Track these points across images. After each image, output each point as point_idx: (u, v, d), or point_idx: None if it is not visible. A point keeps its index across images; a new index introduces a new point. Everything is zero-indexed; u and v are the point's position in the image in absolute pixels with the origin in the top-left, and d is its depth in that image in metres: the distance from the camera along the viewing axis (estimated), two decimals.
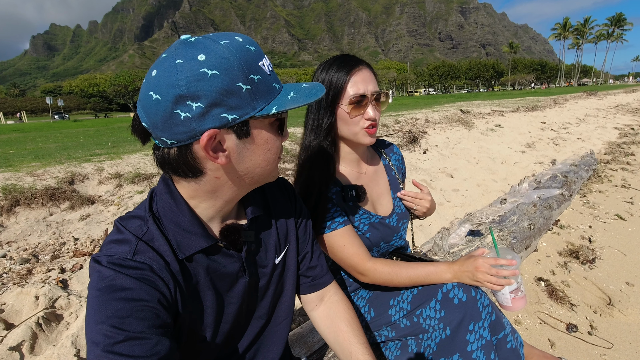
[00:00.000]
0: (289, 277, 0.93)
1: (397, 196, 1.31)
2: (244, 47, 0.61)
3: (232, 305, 0.78)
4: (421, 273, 1.11)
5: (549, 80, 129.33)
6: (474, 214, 2.60)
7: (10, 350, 1.76)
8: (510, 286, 1.03)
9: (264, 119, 0.65)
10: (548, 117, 11.51)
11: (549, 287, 2.40)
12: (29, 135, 13.23)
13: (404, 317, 1.15)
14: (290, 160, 5.42)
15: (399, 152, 1.42)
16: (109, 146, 6.73)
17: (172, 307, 0.66)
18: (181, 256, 0.68)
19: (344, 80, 1.08)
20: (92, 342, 0.57)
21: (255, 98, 0.61)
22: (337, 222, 1.12)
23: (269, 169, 0.71)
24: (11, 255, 2.62)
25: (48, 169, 3.98)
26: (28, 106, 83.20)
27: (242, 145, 0.64)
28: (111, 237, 0.67)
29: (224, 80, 0.58)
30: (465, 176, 5.09)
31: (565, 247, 2.99)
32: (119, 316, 0.57)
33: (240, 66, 0.59)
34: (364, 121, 1.10)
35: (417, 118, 8.60)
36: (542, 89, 61.83)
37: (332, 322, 0.97)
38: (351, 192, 1.17)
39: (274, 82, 0.65)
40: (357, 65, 1.10)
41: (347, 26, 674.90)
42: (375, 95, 1.09)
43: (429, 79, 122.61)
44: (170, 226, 0.69)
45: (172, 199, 0.69)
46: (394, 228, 1.28)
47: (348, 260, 1.14)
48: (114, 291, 0.59)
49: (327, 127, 1.12)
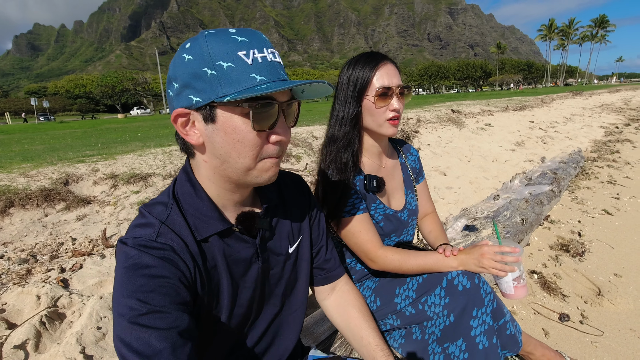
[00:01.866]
0: (302, 267, 0.96)
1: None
2: (228, 37, 0.63)
3: (247, 290, 0.81)
4: (429, 260, 1.16)
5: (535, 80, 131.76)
6: (469, 209, 2.67)
7: (15, 348, 1.76)
8: (513, 274, 1.08)
9: (235, 107, 0.64)
10: (536, 117, 11.76)
11: (542, 279, 2.48)
12: (14, 137, 12.95)
13: (409, 304, 1.20)
14: (285, 160, 5.44)
15: (415, 153, 1.50)
16: (99, 147, 6.66)
17: (191, 286, 0.69)
18: (199, 237, 0.72)
19: (371, 74, 1.15)
20: (118, 314, 0.61)
21: (220, 84, 0.62)
22: (357, 208, 1.18)
23: (243, 163, 0.68)
24: (9, 256, 2.60)
25: (41, 170, 3.94)
26: (12, 107, 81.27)
27: (210, 129, 0.66)
28: (136, 222, 0.71)
29: (194, 65, 0.63)
30: (457, 174, 5.19)
31: (556, 241, 3.08)
32: (143, 291, 0.62)
33: (210, 53, 0.62)
34: (389, 112, 1.16)
35: (409, 118, 8.71)
36: (519, 90, 62.23)
37: (344, 309, 1.01)
38: (372, 181, 1.22)
39: (255, 73, 0.63)
40: (383, 60, 1.17)
41: (336, 27, 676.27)
42: (399, 88, 1.16)
43: (419, 79, 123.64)
44: (190, 210, 0.73)
45: (192, 186, 0.74)
46: (404, 222, 1.34)
47: (361, 245, 1.19)
48: (138, 268, 0.63)
49: (353, 118, 1.19)
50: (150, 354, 0.59)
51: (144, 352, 0.59)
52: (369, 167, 1.29)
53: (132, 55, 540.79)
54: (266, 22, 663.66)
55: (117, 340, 0.60)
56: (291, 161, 5.51)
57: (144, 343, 0.59)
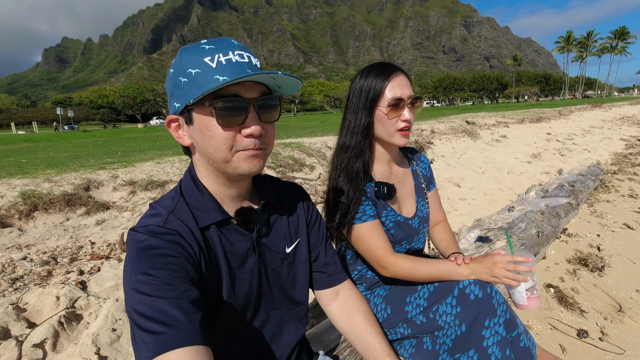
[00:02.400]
0: (300, 269, 0.98)
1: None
2: (198, 47, 0.72)
3: (244, 282, 0.85)
4: (440, 268, 1.16)
5: (553, 92, 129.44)
6: (482, 220, 2.64)
7: (34, 347, 1.81)
8: (527, 284, 1.06)
9: (205, 108, 0.71)
10: (553, 129, 11.54)
11: (559, 294, 2.42)
12: (39, 145, 13.47)
13: (420, 313, 1.19)
14: (299, 169, 5.49)
15: (426, 161, 1.51)
16: (119, 155, 6.87)
17: (197, 265, 0.75)
18: (201, 225, 0.79)
19: (383, 85, 1.18)
20: (130, 288, 0.65)
21: (191, 88, 0.70)
22: (368, 215, 1.20)
23: (219, 156, 0.74)
24: (31, 258, 2.69)
25: (64, 176, 4.09)
26: (39, 117, 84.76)
27: (191, 130, 0.75)
28: (146, 214, 0.79)
29: (174, 76, 0.73)
30: (471, 185, 5.13)
31: (573, 255, 3.00)
32: (153, 267, 0.67)
33: (182, 63, 0.72)
34: (400, 123, 1.19)
35: (423, 129, 8.68)
36: (534, 102, 61.87)
37: (349, 314, 1.02)
38: (383, 188, 1.24)
39: (219, 74, 0.69)
40: (395, 71, 1.20)
41: (352, 39, 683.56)
42: (411, 99, 1.19)
43: (433, 91, 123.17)
44: (192, 203, 0.80)
45: (194, 182, 0.82)
46: (415, 230, 1.35)
47: (372, 251, 1.20)
48: (149, 249, 0.69)
49: (364, 128, 1.22)
50: (165, 319, 0.62)
51: (159, 318, 0.62)
52: (380, 174, 1.30)
53: (153, 67, 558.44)
54: (283, 35, 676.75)
55: (131, 312, 0.64)
56: (305, 170, 5.56)
57: (157, 310, 0.62)
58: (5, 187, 3.66)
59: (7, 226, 3.20)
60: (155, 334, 0.61)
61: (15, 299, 2.15)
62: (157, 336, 0.61)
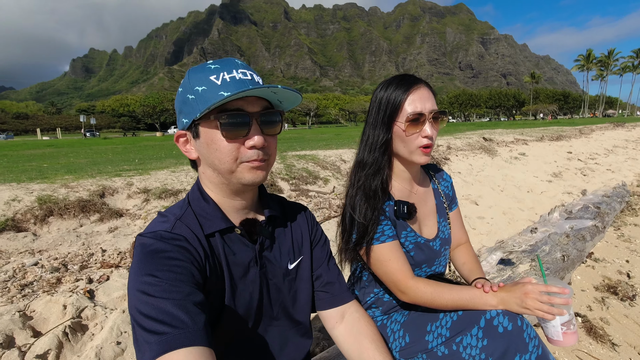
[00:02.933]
0: (302, 287, 0.97)
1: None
2: (205, 67, 0.78)
3: (245, 292, 0.85)
4: (465, 296, 1.05)
5: (572, 110, 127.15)
6: (505, 241, 2.51)
7: (37, 358, 1.77)
8: (562, 317, 0.96)
9: (211, 122, 0.75)
10: (574, 147, 11.22)
11: (587, 324, 2.25)
12: (62, 151, 13.88)
13: (442, 344, 1.09)
14: (313, 182, 5.44)
15: (448, 179, 1.41)
16: (136, 163, 6.97)
17: (202, 271, 0.76)
18: (206, 232, 0.81)
19: (402, 98, 1.10)
20: (135, 289, 0.66)
21: (197, 105, 0.75)
22: (387, 235, 1.12)
23: (225, 168, 0.78)
24: (42, 264, 2.69)
25: (81, 182, 4.14)
26: (63, 123, 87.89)
27: (198, 144, 0.79)
28: (155, 221, 0.81)
29: (182, 94, 0.79)
30: (490, 204, 4.96)
31: (601, 282, 2.82)
32: (159, 269, 0.68)
33: (190, 82, 0.77)
34: (421, 139, 1.11)
35: (439, 145, 8.55)
36: (549, 120, 60.99)
37: (355, 339, 0.96)
38: (403, 207, 1.16)
39: (223, 90, 0.74)
40: (416, 83, 1.11)
41: (368, 54, 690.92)
42: (433, 113, 1.11)
43: (449, 107, 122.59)
44: (199, 212, 0.83)
45: (200, 193, 0.86)
46: (437, 252, 1.26)
47: (391, 275, 1.12)
48: (155, 253, 0.70)
49: (382, 144, 1.14)
50: (169, 320, 0.62)
51: (163, 319, 0.62)
52: (400, 192, 1.23)
53: (173, 78, 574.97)
54: (300, 49, 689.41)
55: (135, 313, 0.64)
56: (319, 183, 5.50)
57: (162, 311, 0.63)
58: (23, 191, 3.71)
59: (22, 230, 3.23)
60: (159, 335, 0.61)
61: (22, 306, 2.13)
62: (160, 336, 0.61)
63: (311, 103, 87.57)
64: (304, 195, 4.89)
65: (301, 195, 4.88)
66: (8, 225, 3.18)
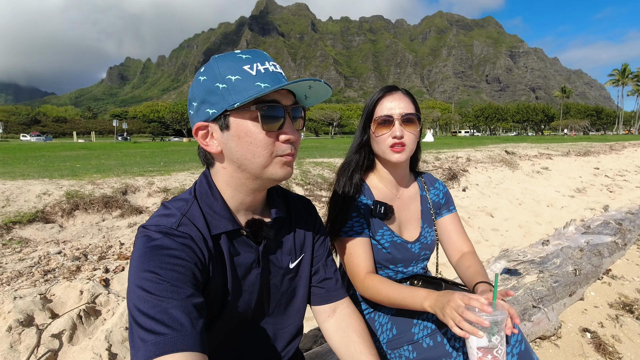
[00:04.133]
0: (300, 285, 0.98)
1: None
2: (235, 56, 0.74)
3: (245, 292, 0.85)
4: (398, 294, 1.07)
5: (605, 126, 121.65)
6: (510, 250, 2.47)
7: (52, 337, 1.90)
8: (480, 341, 0.85)
9: (244, 113, 0.72)
10: (602, 163, 10.76)
11: (596, 340, 2.18)
12: (94, 153, 14.61)
13: (428, 336, 1.12)
14: (328, 188, 5.50)
15: (440, 188, 1.43)
16: (161, 165, 7.26)
17: (205, 272, 0.75)
18: (212, 232, 0.79)
19: (375, 103, 1.22)
20: (135, 285, 0.65)
21: (230, 94, 0.71)
22: (354, 231, 1.21)
23: (258, 162, 0.75)
24: (65, 253, 2.87)
25: (106, 180, 4.38)
26: (97, 127, 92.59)
27: (225, 136, 0.74)
28: (158, 213, 0.78)
29: (207, 83, 0.73)
30: (506, 216, 4.85)
31: (617, 299, 2.71)
32: (161, 267, 0.66)
33: (219, 70, 0.72)
34: (390, 139, 1.18)
35: (459, 156, 8.44)
36: (572, 135, 58.79)
37: (344, 333, 0.98)
38: (380, 208, 1.23)
39: (260, 82, 0.72)
40: (391, 90, 1.22)
41: (393, 66, 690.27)
42: (402, 116, 1.18)
43: (474, 120, 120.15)
44: (206, 208, 0.80)
45: (209, 187, 0.82)
46: (415, 254, 1.31)
47: (350, 268, 1.21)
48: (159, 249, 0.69)
49: (361, 145, 1.26)
50: (168, 321, 0.61)
51: (162, 319, 0.61)
52: (382, 194, 1.30)
53: None
54: (325, 60, 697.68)
55: (132, 309, 0.63)
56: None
57: (161, 311, 0.62)
58: (54, 186, 3.97)
59: (50, 222, 3.45)
60: (156, 334, 0.60)
61: (44, 289, 2.28)
62: (157, 337, 0.60)
63: (334, 113, 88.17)
64: (317, 201, 4.95)
65: (314, 201, 4.94)
66: (38, 217, 3.41)
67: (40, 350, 1.80)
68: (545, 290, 2.24)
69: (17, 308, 2.02)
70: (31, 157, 11.51)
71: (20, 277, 2.44)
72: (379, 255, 1.28)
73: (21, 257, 2.76)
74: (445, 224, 1.38)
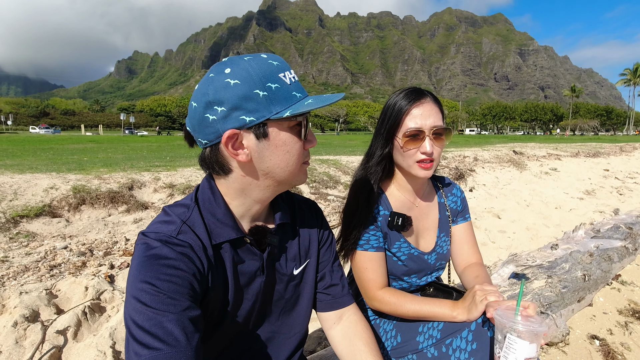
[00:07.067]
0: (305, 291, 0.96)
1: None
2: (266, 61, 0.71)
3: (247, 301, 0.83)
4: (424, 307, 1.08)
5: (615, 127, 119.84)
6: (519, 255, 2.43)
7: (57, 333, 1.91)
8: (529, 351, 0.79)
9: (283, 122, 0.71)
10: (612, 165, 10.59)
11: (605, 347, 2.14)
12: (102, 146, 14.73)
13: (432, 345, 1.10)
14: (333, 186, 5.48)
15: (458, 194, 1.37)
16: (167, 160, 7.29)
17: (203, 282, 0.73)
18: (214, 242, 0.76)
19: (403, 112, 1.09)
20: (132, 296, 0.64)
21: (271, 103, 0.69)
22: (371, 245, 1.16)
23: (289, 170, 0.76)
24: (71, 248, 2.89)
25: (113, 175, 4.40)
26: (105, 120, 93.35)
27: (261, 145, 0.72)
28: (159, 219, 0.76)
29: (243, 88, 0.68)
30: (513, 218, 4.80)
31: (627, 306, 2.67)
32: (159, 278, 0.65)
33: (258, 76, 0.68)
34: (419, 154, 1.09)
35: (466, 156, 8.36)
36: (565, 136, 58.37)
37: (350, 341, 0.96)
38: (398, 219, 1.17)
39: (295, 91, 0.72)
40: (420, 97, 1.10)
41: (400, 63, 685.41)
42: (434, 130, 1.09)
43: (482, 119, 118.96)
44: (208, 216, 0.77)
45: (212, 193, 0.79)
46: (430, 265, 1.27)
47: (363, 282, 1.18)
48: (158, 258, 0.67)
49: (382, 154, 1.16)
50: (164, 336, 0.60)
51: (157, 334, 0.60)
52: (400, 203, 1.23)
53: None
54: (332, 55, 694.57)
55: (128, 320, 0.63)
56: (339, 188, 5.53)
57: (157, 324, 0.61)
58: (61, 180, 3.99)
59: (57, 216, 3.47)
60: (150, 349, 0.59)
61: (49, 284, 2.30)
62: (152, 352, 0.59)
63: (341, 109, 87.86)
64: (322, 199, 4.93)
65: (320, 199, 4.92)
66: (45, 211, 3.43)
67: (45, 346, 1.81)
68: (553, 296, 2.20)
69: (23, 303, 2.03)
70: (40, 150, 11.62)
71: (26, 272, 2.46)
72: (394, 267, 1.23)
73: (28, 252, 2.78)
74: (459, 233, 1.33)
